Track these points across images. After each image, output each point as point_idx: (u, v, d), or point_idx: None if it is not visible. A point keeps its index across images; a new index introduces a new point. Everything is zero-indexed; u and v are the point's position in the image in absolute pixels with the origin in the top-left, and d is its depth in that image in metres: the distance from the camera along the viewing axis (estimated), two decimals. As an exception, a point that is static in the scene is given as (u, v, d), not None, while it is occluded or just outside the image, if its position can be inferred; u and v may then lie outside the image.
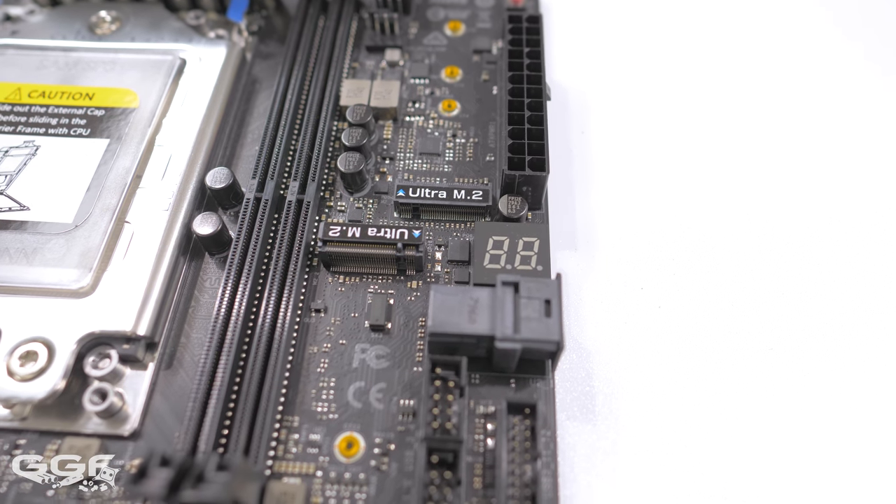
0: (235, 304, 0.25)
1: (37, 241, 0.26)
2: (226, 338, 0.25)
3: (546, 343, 0.23)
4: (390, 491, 0.23)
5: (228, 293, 0.26)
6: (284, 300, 0.26)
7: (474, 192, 0.29)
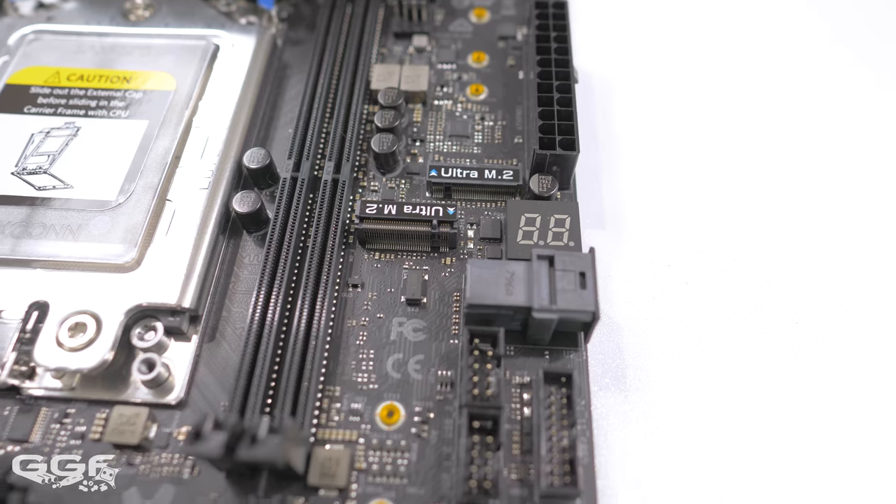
0: (276, 278, 0.26)
1: (81, 217, 0.27)
2: (268, 311, 0.26)
3: (582, 313, 0.24)
4: (431, 457, 0.24)
5: (269, 269, 0.26)
6: (324, 275, 0.26)
7: (505, 172, 0.30)
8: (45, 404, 0.25)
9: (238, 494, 0.23)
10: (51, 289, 0.26)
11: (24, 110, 0.30)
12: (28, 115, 0.30)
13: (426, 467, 0.24)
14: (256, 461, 0.20)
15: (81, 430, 0.24)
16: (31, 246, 0.26)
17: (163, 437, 0.24)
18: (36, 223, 0.27)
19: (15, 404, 0.25)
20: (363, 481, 0.23)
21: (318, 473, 0.23)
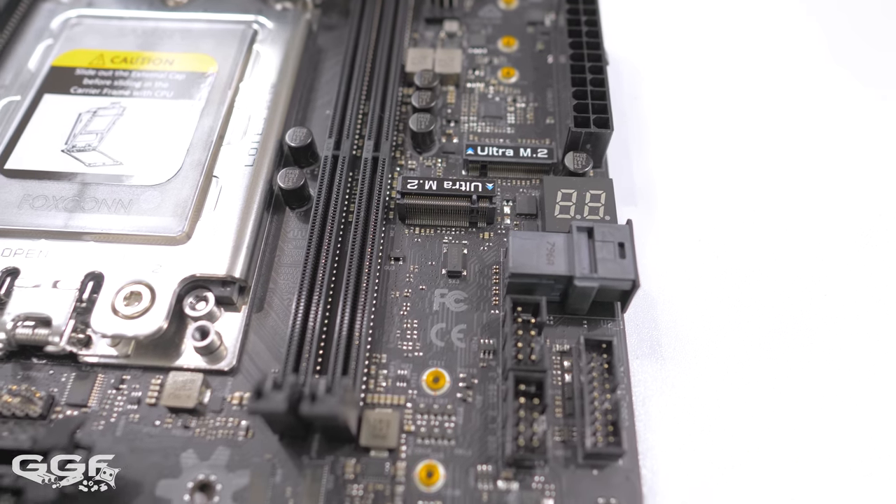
0: (322, 251, 0.27)
1: (132, 192, 0.28)
2: (315, 282, 0.26)
3: (622, 281, 0.25)
4: (477, 420, 0.25)
5: (315, 242, 0.27)
6: (368, 248, 0.27)
7: (539, 150, 0.30)
8: (101, 371, 0.26)
9: (291, 456, 0.24)
10: (105, 260, 0.26)
11: (70, 91, 0.31)
12: (74, 96, 0.31)
13: (472, 430, 0.24)
14: (317, 417, 0.21)
15: (137, 395, 0.25)
16: (84, 219, 0.27)
17: (217, 401, 0.25)
18: (88, 198, 0.28)
19: (72, 371, 0.26)
20: (412, 443, 0.24)
21: (370, 435, 0.24)
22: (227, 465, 0.24)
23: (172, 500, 0.23)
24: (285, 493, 0.23)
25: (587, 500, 0.23)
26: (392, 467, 0.24)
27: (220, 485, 0.23)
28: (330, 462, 0.24)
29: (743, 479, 0.25)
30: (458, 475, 0.24)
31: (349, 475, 0.23)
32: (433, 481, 0.23)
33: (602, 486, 0.23)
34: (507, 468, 0.24)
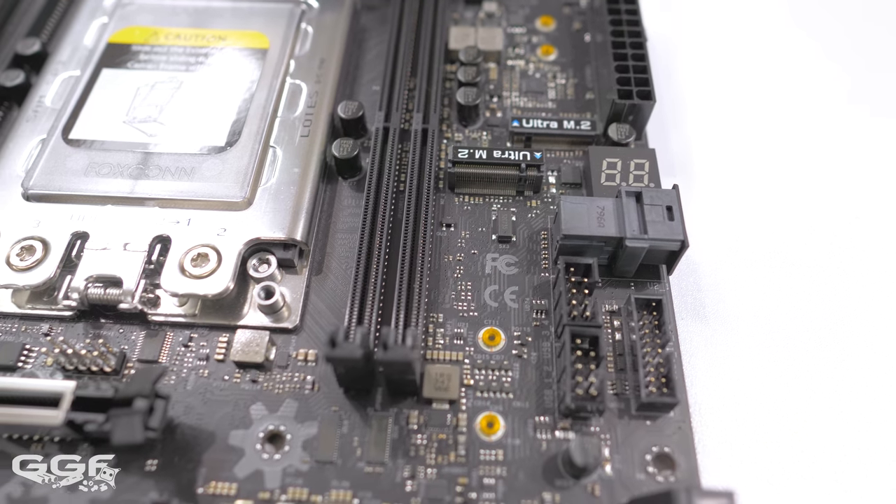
0: (378, 217, 0.28)
1: (193, 160, 0.29)
2: (373, 246, 0.27)
3: (671, 242, 0.26)
4: (533, 375, 0.26)
5: (371, 208, 0.28)
6: (422, 214, 0.28)
7: (582, 123, 0.31)
8: (170, 329, 0.27)
9: (356, 408, 0.25)
10: (170, 225, 0.27)
11: (127, 66, 0.32)
12: (132, 70, 0.32)
13: (529, 384, 0.26)
14: (391, 363, 0.22)
15: (205, 352, 0.26)
16: (148, 186, 0.28)
17: (282, 357, 0.26)
18: (151, 166, 0.29)
19: (141, 330, 0.27)
20: (471, 396, 0.25)
21: (432, 387, 0.25)
22: (295, 417, 0.25)
23: (245, 448, 0.24)
24: (353, 442, 0.24)
25: (641, 449, 0.24)
26: (454, 418, 0.25)
27: (290, 435, 0.24)
28: (394, 414, 0.25)
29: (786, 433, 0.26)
30: (517, 426, 0.25)
31: (413, 425, 0.25)
32: (494, 431, 0.24)
33: (655, 436, 0.24)
34: (563, 419, 0.25)
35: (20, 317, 0.27)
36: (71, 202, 0.28)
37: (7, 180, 0.29)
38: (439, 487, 0.23)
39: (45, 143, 0.30)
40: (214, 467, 0.24)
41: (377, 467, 0.24)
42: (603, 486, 0.24)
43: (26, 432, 0.24)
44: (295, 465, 0.24)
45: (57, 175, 0.29)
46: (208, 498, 0.23)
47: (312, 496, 0.23)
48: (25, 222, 0.27)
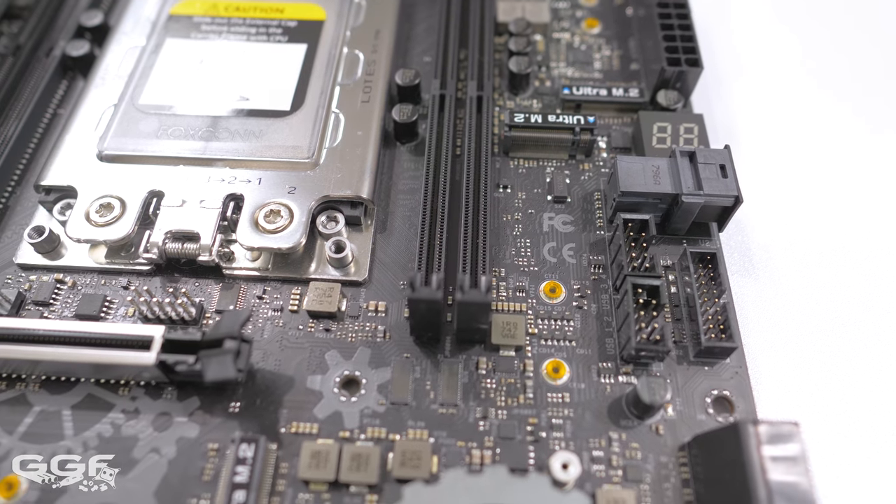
0: (440, 178, 0.29)
1: (261, 124, 0.30)
2: (437, 204, 0.28)
3: (726, 198, 0.27)
4: (593, 325, 0.27)
5: (432, 169, 0.29)
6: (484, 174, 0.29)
7: (631, 90, 0.33)
8: (244, 283, 0.28)
9: (427, 355, 0.26)
10: (242, 183, 0.29)
11: (190, 36, 0.33)
12: (195, 41, 0.33)
13: (590, 333, 0.27)
14: (470, 304, 0.23)
15: (279, 303, 0.27)
16: (219, 148, 0.29)
17: (353, 308, 0.27)
18: (221, 129, 0.30)
19: (217, 283, 0.28)
20: (536, 344, 0.26)
21: (499, 334, 0.26)
22: (369, 363, 0.26)
23: (323, 392, 0.25)
24: (425, 385, 0.25)
25: (701, 393, 0.25)
26: (520, 364, 0.26)
27: (365, 379, 0.26)
28: (463, 360, 0.26)
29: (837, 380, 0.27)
30: (581, 371, 0.26)
31: (482, 370, 0.26)
32: (559, 376, 0.26)
33: (714, 381, 0.26)
34: (625, 365, 0.26)
35: (99, 271, 0.28)
36: (144, 163, 0.29)
37: (82, 143, 0.30)
38: (510, 427, 0.25)
39: (116, 108, 0.31)
40: (295, 409, 0.25)
41: (450, 409, 0.25)
42: (666, 426, 0.25)
43: (117, 375, 0.25)
44: (372, 406, 0.25)
45: (130, 138, 0.30)
46: (291, 436, 0.24)
47: (391, 434, 0.24)
48: (102, 182, 0.29)
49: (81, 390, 0.25)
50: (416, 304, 0.24)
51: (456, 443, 0.24)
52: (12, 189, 0.31)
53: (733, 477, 0.22)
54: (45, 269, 0.28)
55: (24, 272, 0.28)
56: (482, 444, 0.24)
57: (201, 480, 0.23)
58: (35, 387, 0.25)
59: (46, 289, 0.27)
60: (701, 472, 0.23)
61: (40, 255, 0.28)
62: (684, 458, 0.24)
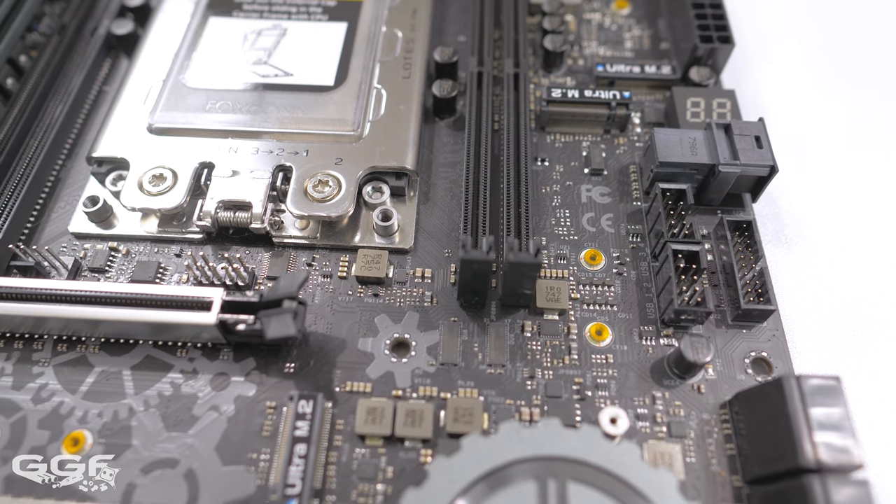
0: (482, 151, 0.30)
1: (306, 98, 0.31)
2: (479, 176, 0.29)
3: (761, 167, 0.28)
4: (633, 291, 0.28)
5: (473, 143, 0.30)
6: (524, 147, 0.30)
7: (663, 67, 0.33)
8: (293, 250, 0.29)
9: (474, 318, 0.27)
10: (290, 155, 0.29)
11: (232, 14, 0.34)
12: (237, 19, 0.34)
13: (630, 298, 0.28)
14: (522, 265, 0.24)
15: (328, 270, 0.28)
16: (266, 121, 0.30)
17: (401, 275, 0.28)
18: (267, 103, 0.31)
19: (267, 250, 0.29)
20: (579, 308, 0.27)
21: (544, 299, 0.27)
22: (417, 326, 0.27)
23: (375, 353, 0.26)
24: (473, 347, 0.26)
25: (740, 354, 0.26)
26: (564, 327, 0.27)
27: (414, 342, 0.26)
28: (508, 324, 0.27)
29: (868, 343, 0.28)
30: (623, 334, 0.27)
31: (528, 333, 0.27)
32: (602, 338, 0.26)
33: (751, 343, 0.26)
34: (666, 328, 0.27)
35: (151, 240, 0.29)
36: (193, 136, 0.30)
37: (131, 117, 0.31)
38: (557, 386, 0.25)
39: (164, 84, 0.31)
40: (348, 369, 0.26)
41: (498, 369, 0.26)
42: (707, 385, 0.26)
43: (175, 337, 0.26)
44: (422, 367, 0.26)
45: (178, 112, 0.30)
46: (345, 395, 0.25)
47: (442, 393, 0.25)
48: (153, 154, 0.29)
49: (140, 352, 0.26)
50: (468, 265, 0.25)
51: (505, 401, 0.25)
52: (63, 162, 0.32)
53: (777, 430, 0.23)
54: (99, 238, 0.29)
55: (79, 241, 0.29)
56: (530, 403, 0.25)
57: (261, 436, 0.24)
58: (95, 349, 0.26)
59: (101, 256, 0.28)
60: (743, 428, 0.24)
61: (94, 224, 0.29)
62: (725, 415, 0.25)
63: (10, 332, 0.26)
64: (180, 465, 0.24)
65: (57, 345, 0.26)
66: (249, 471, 0.24)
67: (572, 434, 0.22)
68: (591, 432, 0.22)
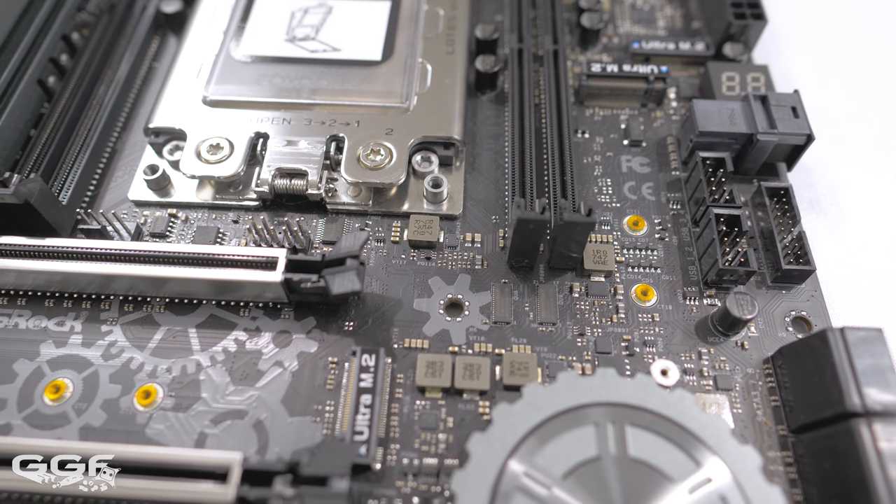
0: (526, 122, 0.31)
1: (355, 71, 0.32)
2: (524, 146, 0.30)
3: (798, 136, 0.29)
4: (675, 254, 0.29)
5: (517, 115, 0.31)
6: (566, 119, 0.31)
7: (697, 44, 0.35)
8: (346, 217, 0.30)
9: (523, 280, 0.28)
10: (342, 126, 0.30)
11: (279, -7, 0.35)
12: (283, -3, 0.35)
13: (673, 261, 0.29)
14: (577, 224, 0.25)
15: (381, 235, 0.29)
16: (317, 94, 0.31)
17: (451, 239, 0.29)
18: (317, 77, 0.32)
19: (321, 217, 0.30)
20: (623, 271, 0.28)
21: (591, 261, 0.28)
22: (470, 288, 0.28)
23: (430, 312, 0.27)
24: (524, 307, 0.27)
25: (780, 313, 0.27)
26: (611, 288, 0.28)
27: (467, 302, 0.27)
28: (557, 285, 0.28)
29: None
30: (668, 294, 0.28)
31: (576, 294, 0.28)
32: (648, 298, 0.28)
33: (791, 303, 0.28)
34: (708, 288, 0.28)
35: (208, 207, 0.30)
36: (247, 108, 0.31)
37: (186, 90, 0.32)
38: (606, 342, 0.26)
39: (216, 58, 0.33)
40: (404, 327, 0.27)
41: (549, 327, 0.27)
42: (750, 342, 0.27)
43: (239, 296, 0.27)
44: (476, 325, 0.27)
45: (232, 84, 0.32)
46: (404, 350, 0.26)
47: (496, 349, 0.26)
48: (208, 124, 0.30)
49: (204, 311, 0.27)
50: (525, 224, 0.26)
51: (557, 357, 0.26)
52: (118, 134, 0.33)
53: (822, 379, 0.24)
54: (157, 206, 0.30)
55: (138, 208, 0.30)
56: (581, 358, 0.26)
57: (324, 389, 0.25)
58: (160, 308, 0.27)
59: (161, 222, 0.29)
60: (787, 381, 0.25)
61: (152, 191, 0.30)
62: (769, 369, 0.26)
63: (78, 293, 0.27)
64: (249, 416, 0.25)
65: (123, 305, 0.27)
66: (315, 421, 0.25)
67: (628, 382, 0.23)
68: (645, 380, 0.23)
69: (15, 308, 0.27)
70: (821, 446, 0.23)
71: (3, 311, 0.27)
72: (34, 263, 0.26)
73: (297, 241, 0.28)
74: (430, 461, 0.24)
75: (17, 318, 0.27)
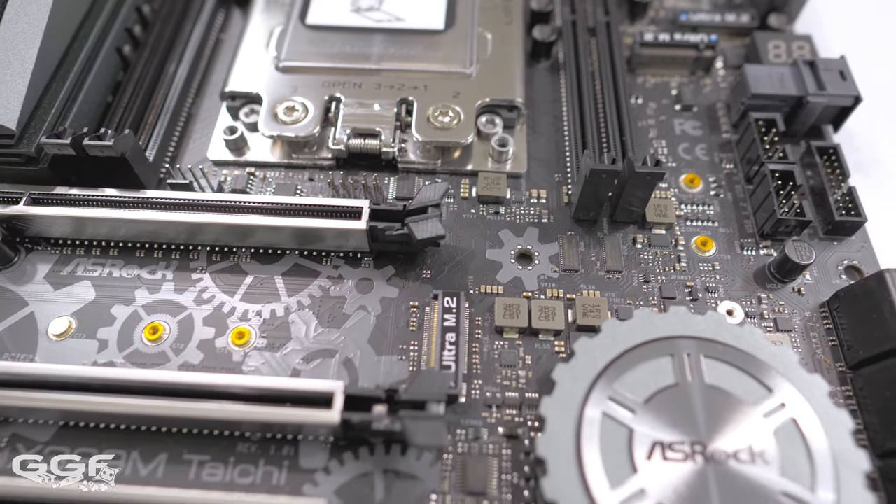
0: (584, 88, 0.33)
1: (420, 39, 0.34)
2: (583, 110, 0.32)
3: (847, 98, 0.31)
4: (731, 210, 0.30)
5: (574, 82, 0.33)
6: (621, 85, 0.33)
7: (743, 15, 0.36)
8: (417, 175, 0.31)
9: (588, 232, 0.30)
10: (410, 90, 0.32)
11: (340, -32, 0.37)
12: (346, -29, 0.37)
13: (729, 216, 0.30)
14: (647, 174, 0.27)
15: (451, 191, 0.31)
16: (384, 60, 0.33)
17: (518, 195, 0.31)
18: (383, 44, 0.33)
19: (392, 174, 0.31)
20: (682, 224, 0.30)
21: (653, 213, 0.29)
22: (538, 239, 0.29)
23: (502, 262, 0.29)
24: (591, 257, 0.29)
25: (833, 262, 0.29)
26: (672, 239, 0.29)
27: (537, 252, 0.29)
28: (620, 237, 0.29)
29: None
30: (726, 245, 0.29)
31: (639, 245, 0.29)
32: (707, 248, 0.29)
33: (843, 253, 0.29)
34: (764, 239, 0.29)
35: (285, 166, 0.32)
36: (318, 73, 0.33)
37: (259, 57, 0.33)
38: (671, 288, 0.28)
39: (286, 26, 0.34)
40: (479, 274, 0.28)
41: (616, 275, 0.28)
42: (806, 288, 0.28)
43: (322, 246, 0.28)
44: (546, 273, 0.28)
45: (303, 51, 0.33)
46: (480, 296, 0.28)
47: (567, 294, 0.28)
48: (282, 89, 0.32)
49: (288, 261, 0.29)
50: (597, 175, 0.27)
51: (625, 301, 0.28)
52: (192, 100, 0.34)
53: (880, 316, 0.25)
54: (235, 165, 0.32)
55: (217, 167, 0.32)
56: (648, 303, 0.28)
57: (408, 331, 0.27)
58: (247, 258, 0.29)
59: (241, 180, 0.31)
60: (844, 322, 0.27)
61: (229, 151, 0.32)
62: (825, 312, 0.28)
63: (167, 244, 0.29)
64: (338, 355, 0.26)
65: (211, 255, 0.29)
66: (401, 359, 0.26)
67: (699, 319, 0.25)
68: (716, 317, 0.25)
69: (108, 258, 0.29)
70: (881, 377, 0.25)
71: (98, 261, 0.29)
72: (130, 212, 0.27)
73: (375, 196, 0.30)
74: (512, 394, 0.25)
75: (111, 267, 0.28)
